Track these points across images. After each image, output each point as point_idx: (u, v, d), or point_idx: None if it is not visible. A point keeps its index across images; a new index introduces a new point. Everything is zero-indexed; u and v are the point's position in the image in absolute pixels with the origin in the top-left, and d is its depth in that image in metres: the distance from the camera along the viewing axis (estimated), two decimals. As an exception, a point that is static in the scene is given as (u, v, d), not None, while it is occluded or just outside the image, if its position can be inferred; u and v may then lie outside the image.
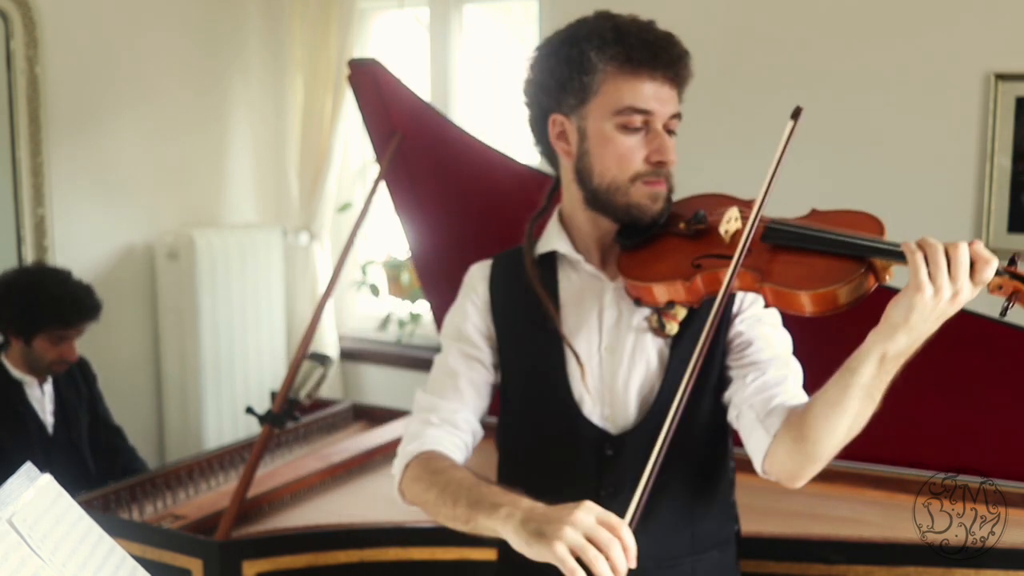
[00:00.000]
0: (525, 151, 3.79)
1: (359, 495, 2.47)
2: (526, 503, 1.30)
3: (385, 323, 4.16)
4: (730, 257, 1.34)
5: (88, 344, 3.06)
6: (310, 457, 2.65)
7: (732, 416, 1.47)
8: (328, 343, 4.06)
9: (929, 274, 1.20)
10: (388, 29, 4.21)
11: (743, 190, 3.42)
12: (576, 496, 1.50)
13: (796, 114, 1.39)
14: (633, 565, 1.19)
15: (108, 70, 3.70)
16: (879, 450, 2.40)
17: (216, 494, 2.42)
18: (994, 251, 1.24)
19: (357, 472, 2.59)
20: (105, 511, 2.23)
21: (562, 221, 1.55)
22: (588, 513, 1.21)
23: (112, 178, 3.76)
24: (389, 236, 4.22)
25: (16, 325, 2.85)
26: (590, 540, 1.17)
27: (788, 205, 3.42)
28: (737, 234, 1.38)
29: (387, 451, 2.71)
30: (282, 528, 2.21)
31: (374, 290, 4.18)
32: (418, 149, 2.55)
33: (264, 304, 4.08)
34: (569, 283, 1.52)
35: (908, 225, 3.03)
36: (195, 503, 2.36)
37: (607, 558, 1.16)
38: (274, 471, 2.52)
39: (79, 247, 3.62)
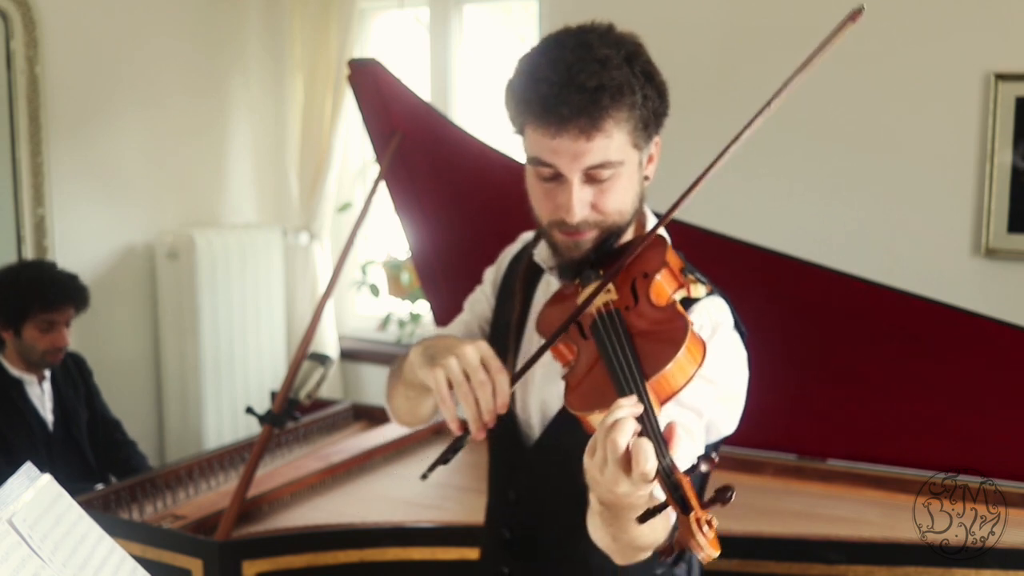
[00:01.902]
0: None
1: (359, 495, 2.47)
2: (436, 335, 1.38)
3: (385, 323, 4.16)
4: (578, 329, 1.26)
5: (88, 344, 3.07)
6: (310, 457, 2.65)
7: None
8: (328, 343, 4.06)
9: (591, 450, 1.05)
10: (388, 29, 4.21)
11: (742, 189, 3.41)
12: (496, 492, 1.54)
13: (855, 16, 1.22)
14: (503, 409, 1.22)
15: (108, 70, 3.70)
16: (879, 450, 2.40)
17: (216, 494, 2.42)
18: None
19: (357, 472, 2.59)
20: (105, 511, 2.23)
21: None
22: (476, 351, 1.25)
23: (112, 178, 3.76)
24: (389, 236, 4.22)
25: (3, 316, 2.87)
26: (468, 375, 1.23)
27: (787, 205, 3.42)
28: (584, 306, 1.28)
29: (387, 451, 2.71)
30: (282, 528, 2.21)
31: (374, 290, 4.18)
32: (418, 149, 2.55)
33: (264, 304, 4.07)
34: (542, 288, 1.51)
35: (909, 225, 3.04)
36: (195, 503, 2.36)
37: (476, 396, 1.22)
38: (274, 471, 2.52)
39: (79, 247, 3.62)
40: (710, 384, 1.29)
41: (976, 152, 2.93)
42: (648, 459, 0.99)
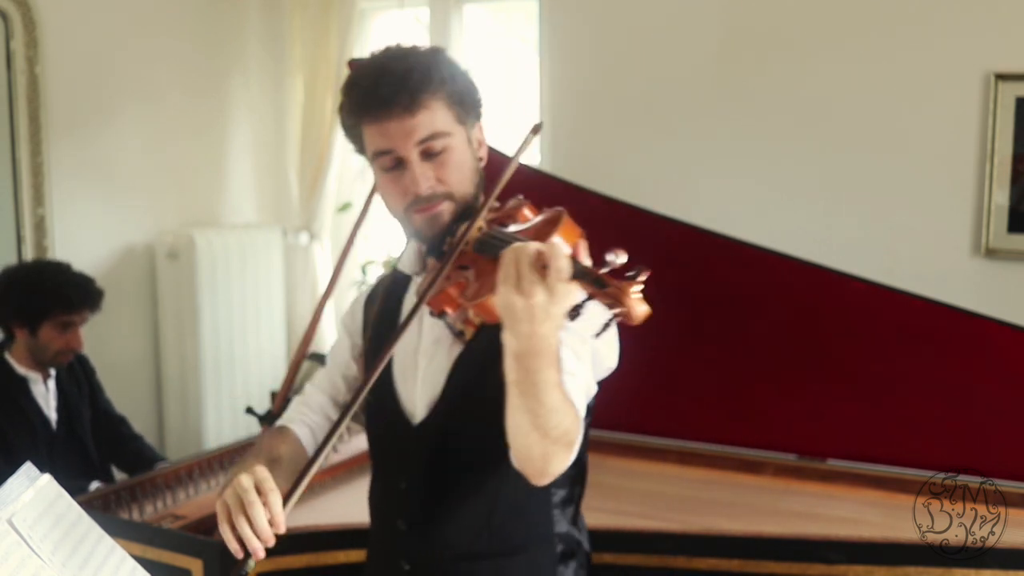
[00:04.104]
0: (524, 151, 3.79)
1: (359, 495, 2.46)
2: (243, 468, 1.43)
3: (385, 323, 4.16)
4: (463, 267, 1.35)
5: (89, 344, 3.07)
6: (310, 457, 2.65)
7: None
8: (328, 343, 4.06)
9: (505, 276, 1.12)
10: (388, 29, 4.21)
11: (743, 190, 3.41)
12: (387, 480, 1.62)
13: (536, 129, 1.45)
14: (279, 528, 1.31)
15: (108, 70, 3.70)
16: (879, 450, 2.40)
17: (216, 494, 2.41)
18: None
19: (357, 472, 2.59)
20: (105, 511, 2.23)
21: None
22: (250, 477, 1.32)
23: (112, 178, 3.76)
24: (389, 236, 4.22)
25: (22, 314, 2.87)
26: (242, 500, 1.29)
27: (788, 206, 3.41)
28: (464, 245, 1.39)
29: (387, 451, 2.71)
30: (282, 528, 2.21)
31: (374, 290, 4.17)
32: (418, 149, 2.55)
33: (264, 304, 4.07)
34: (411, 295, 1.60)
35: (909, 225, 3.05)
36: (195, 503, 2.36)
37: (249, 518, 1.29)
38: (274, 471, 2.52)
39: (79, 247, 3.62)
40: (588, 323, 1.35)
41: (976, 152, 2.93)
42: (561, 254, 1.08)
